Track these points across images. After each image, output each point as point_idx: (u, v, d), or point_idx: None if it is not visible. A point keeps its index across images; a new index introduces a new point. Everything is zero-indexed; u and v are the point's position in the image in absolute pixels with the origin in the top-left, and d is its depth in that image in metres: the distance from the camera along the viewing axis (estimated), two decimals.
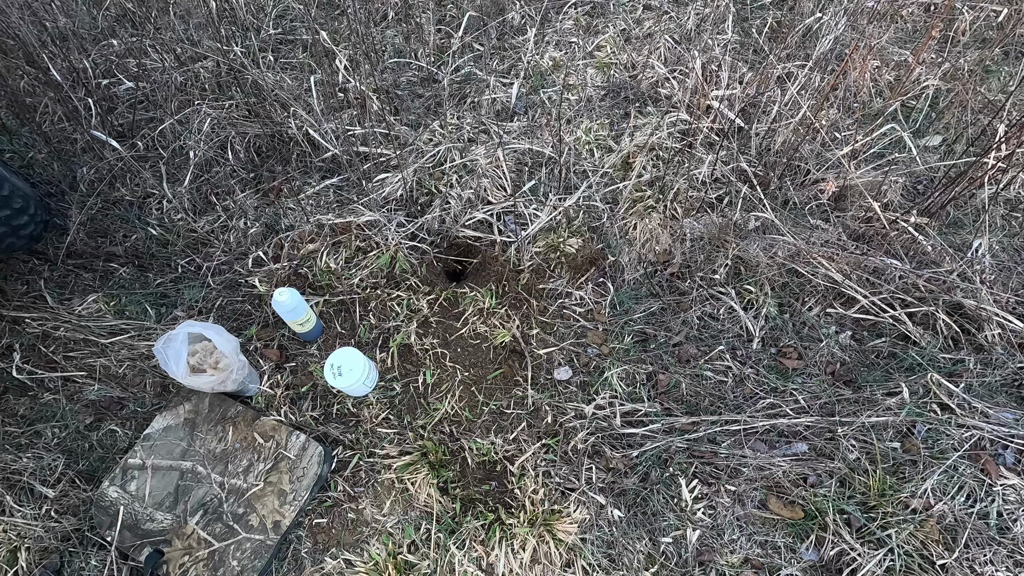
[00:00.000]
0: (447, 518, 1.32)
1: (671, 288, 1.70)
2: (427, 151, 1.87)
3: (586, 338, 1.60)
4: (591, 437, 1.42)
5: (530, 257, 1.69)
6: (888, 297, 1.56)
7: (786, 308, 1.64)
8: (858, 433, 1.38)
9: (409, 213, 1.81)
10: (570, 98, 2.10)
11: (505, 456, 1.39)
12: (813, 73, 1.94)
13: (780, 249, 1.64)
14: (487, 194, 1.81)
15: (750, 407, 1.45)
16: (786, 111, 1.87)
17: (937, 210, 1.72)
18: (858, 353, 1.56)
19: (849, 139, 1.87)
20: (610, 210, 1.78)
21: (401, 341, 1.55)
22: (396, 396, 1.50)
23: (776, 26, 2.34)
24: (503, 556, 1.25)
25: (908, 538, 1.23)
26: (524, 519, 1.28)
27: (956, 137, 1.97)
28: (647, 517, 1.32)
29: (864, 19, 2.21)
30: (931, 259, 1.64)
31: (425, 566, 1.25)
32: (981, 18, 2.31)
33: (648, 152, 1.85)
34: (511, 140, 1.92)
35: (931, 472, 1.30)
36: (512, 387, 1.52)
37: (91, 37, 2.25)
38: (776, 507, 1.31)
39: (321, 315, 1.62)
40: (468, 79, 2.18)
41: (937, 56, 2.20)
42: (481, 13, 2.35)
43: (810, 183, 1.83)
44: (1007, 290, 1.57)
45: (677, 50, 2.16)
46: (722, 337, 1.59)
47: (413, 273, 1.68)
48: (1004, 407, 1.41)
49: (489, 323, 1.58)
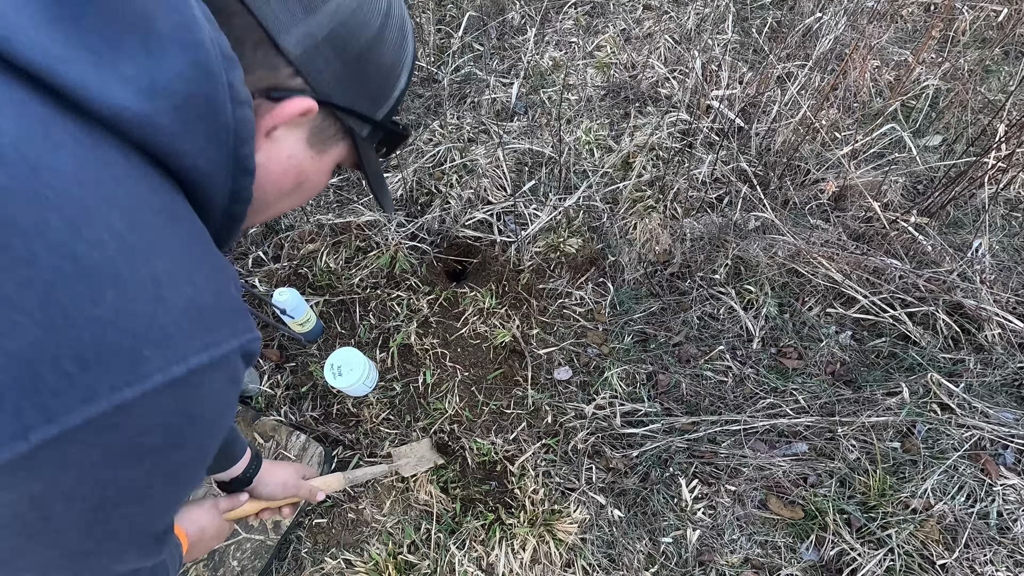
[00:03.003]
0: (447, 518, 1.32)
1: (671, 288, 1.70)
2: (427, 151, 1.87)
3: (586, 338, 1.60)
4: (591, 437, 1.42)
5: (530, 257, 1.69)
6: (888, 297, 1.56)
7: (786, 308, 1.64)
8: (858, 433, 1.38)
9: (409, 213, 1.81)
10: (570, 98, 2.10)
11: (505, 456, 1.39)
12: (813, 73, 1.94)
13: (780, 249, 1.64)
14: (487, 194, 1.81)
15: (750, 407, 1.45)
16: (786, 111, 1.87)
17: (937, 210, 1.72)
18: (858, 353, 1.56)
19: (849, 139, 1.87)
20: (610, 210, 1.78)
21: (401, 341, 1.55)
22: (396, 396, 1.50)
23: (776, 26, 2.34)
24: (503, 556, 1.25)
25: (908, 538, 1.23)
26: (524, 519, 1.28)
27: (956, 137, 1.97)
28: (647, 517, 1.32)
29: (864, 19, 2.21)
30: (931, 259, 1.64)
31: (425, 566, 1.25)
32: (981, 18, 2.31)
33: (648, 152, 1.85)
34: (511, 140, 1.92)
35: (931, 472, 1.30)
36: (512, 387, 1.52)
37: None
38: (776, 507, 1.31)
39: (321, 315, 1.62)
40: (468, 79, 2.18)
41: (937, 56, 2.20)
42: (481, 13, 2.35)
43: (810, 183, 1.83)
44: (1007, 290, 1.57)
45: (677, 50, 2.16)
46: (722, 337, 1.59)
47: (413, 273, 1.68)
48: (1004, 407, 1.41)
49: (489, 323, 1.59)
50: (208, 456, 0.35)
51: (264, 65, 0.38)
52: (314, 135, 0.44)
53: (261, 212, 0.46)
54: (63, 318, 0.24)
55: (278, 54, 0.38)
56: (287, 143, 0.42)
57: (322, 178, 0.48)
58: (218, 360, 0.30)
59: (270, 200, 0.45)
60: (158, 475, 0.30)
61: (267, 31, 0.37)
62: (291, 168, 0.44)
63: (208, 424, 0.32)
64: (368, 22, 0.41)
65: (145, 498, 0.31)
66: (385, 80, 0.45)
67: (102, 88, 0.28)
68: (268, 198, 0.44)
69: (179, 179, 0.33)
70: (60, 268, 0.24)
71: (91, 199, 0.26)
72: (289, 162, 0.43)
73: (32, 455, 0.24)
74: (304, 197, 0.49)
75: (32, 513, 0.26)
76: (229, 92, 0.33)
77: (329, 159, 0.47)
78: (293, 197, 0.47)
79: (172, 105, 0.30)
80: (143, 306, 0.27)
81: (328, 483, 1.09)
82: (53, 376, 0.24)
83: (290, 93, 0.39)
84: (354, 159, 0.49)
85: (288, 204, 0.48)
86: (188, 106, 0.31)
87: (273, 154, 0.42)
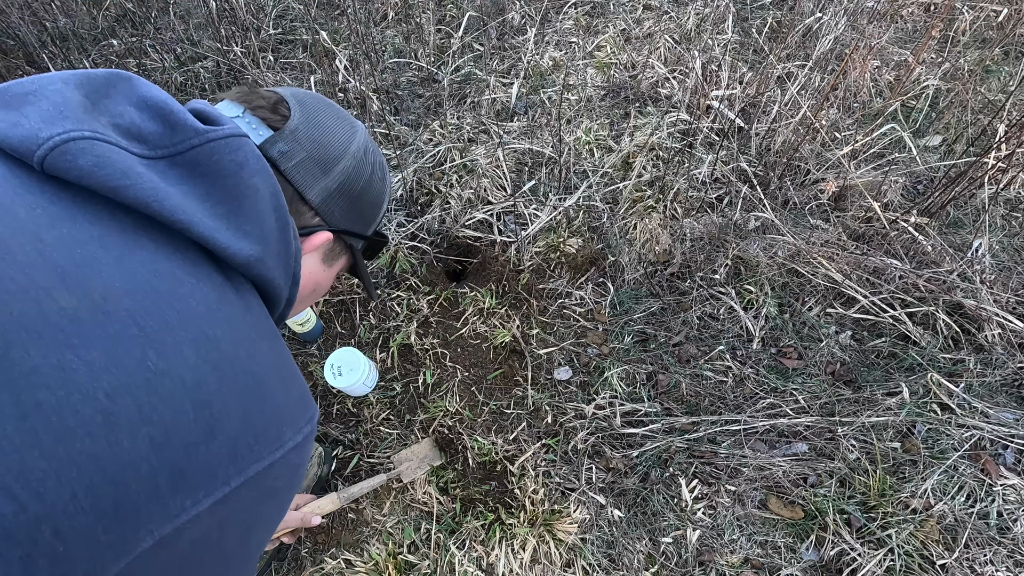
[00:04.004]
0: (447, 518, 1.32)
1: (671, 288, 1.70)
2: (427, 151, 1.87)
3: (586, 338, 1.60)
4: (591, 437, 1.42)
5: (530, 257, 1.69)
6: (888, 297, 1.56)
7: (786, 308, 1.64)
8: (858, 433, 1.38)
9: (409, 213, 1.81)
10: (570, 98, 2.10)
11: (505, 456, 1.39)
12: (813, 73, 1.94)
13: (780, 249, 1.64)
14: (487, 194, 1.81)
15: (750, 407, 1.45)
16: (786, 111, 1.87)
17: (937, 210, 1.72)
18: (858, 353, 1.56)
19: (849, 139, 1.87)
20: (610, 210, 1.78)
21: (401, 341, 1.55)
22: (396, 396, 1.50)
23: (776, 26, 2.34)
24: (503, 556, 1.25)
25: (908, 538, 1.23)
26: (524, 519, 1.28)
27: (956, 137, 1.97)
28: (647, 517, 1.32)
29: (864, 19, 2.21)
30: (931, 259, 1.64)
31: (425, 566, 1.25)
32: (981, 18, 2.31)
33: (648, 152, 1.85)
34: (511, 140, 1.92)
35: (931, 472, 1.30)
36: (512, 387, 1.52)
37: (91, 37, 2.25)
38: (776, 507, 1.31)
39: (321, 315, 1.62)
40: (468, 79, 2.18)
41: (937, 56, 2.20)
42: (481, 13, 2.35)
43: (810, 183, 1.83)
44: (1007, 290, 1.57)
45: (677, 50, 2.16)
46: (722, 337, 1.59)
47: (413, 273, 1.68)
48: (1004, 407, 1.41)
49: (489, 323, 1.58)
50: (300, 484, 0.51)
51: (295, 212, 0.56)
52: (326, 255, 0.63)
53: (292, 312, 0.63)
54: (250, 413, 0.38)
55: (304, 203, 0.56)
56: (309, 264, 0.61)
57: (330, 283, 0.68)
58: (311, 431, 0.44)
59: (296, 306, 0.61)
60: (276, 508, 0.44)
61: (297, 190, 0.55)
62: (311, 280, 0.62)
63: (304, 470, 0.45)
64: (363, 172, 0.61)
65: (270, 524, 0.44)
66: (375, 207, 0.65)
67: (239, 244, 0.42)
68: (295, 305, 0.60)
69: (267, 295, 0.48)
70: (247, 385, 0.38)
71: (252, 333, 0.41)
72: (310, 276, 0.62)
73: (230, 494, 0.36)
74: (316, 297, 0.68)
75: (217, 531, 0.37)
76: (293, 232, 0.49)
77: (335, 269, 0.67)
78: (309, 299, 0.66)
79: (273, 250, 0.46)
80: (281, 400, 0.41)
81: (322, 507, 1.11)
82: (243, 448, 0.37)
83: (313, 229, 0.58)
84: (350, 262, 0.69)
85: (306, 304, 0.67)
86: (278, 248, 0.47)
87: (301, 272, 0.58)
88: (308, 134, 0.56)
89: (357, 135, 0.61)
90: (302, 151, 0.55)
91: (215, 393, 0.35)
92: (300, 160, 0.55)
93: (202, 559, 0.37)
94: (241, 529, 0.39)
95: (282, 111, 0.56)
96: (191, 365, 0.34)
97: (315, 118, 0.57)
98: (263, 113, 0.55)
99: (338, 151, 0.58)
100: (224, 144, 0.43)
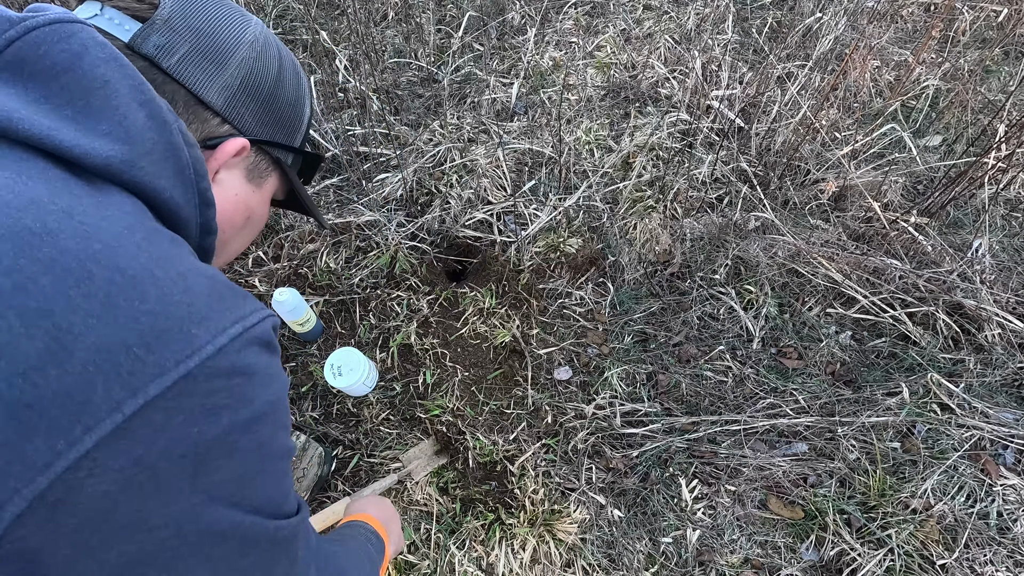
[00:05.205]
0: (447, 518, 1.32)
1: (671, 288, 1.70)
2: (427, 151, 1.87)
3: (586, 338, 1.60)
4: (591, 437, 1.42)
5: (530, 257, 1.69)
6: (888, 297, 1.56)
7: (786, 308, 1.64)
8: (858, 433, 1.38)
9: (409, 213, 1.81)
10: (570, 98, 2.10)
11: (505, 456, 1.39)
12: (813, 73, 1.94)
13: (780, 249, 1.64)
14: (487, 194, 1.81)
15: (750, 407, 1.45)
16: (786, 111, 1.87)
17: (937, 210, 1.72)
18: (858, 353, 1.56)
19: (849, 139, 1.87)
20: (610, 210, 1.78)
21: (401, 341, 1.55)
22: (396, 396, 1.50)
23: (776, 26, 2.34)
24: (503, 556, 1.25)
25: (908, 538, 1.23)
26: (524, 519, 1.28)
27: (956, 137, 1.97)
28: (647, 517, 1.32)
29: (864, 19, 2.21)
30: (931, 259, 1.64)
31: (425, 566, 1.25)
32: (981, 18, 2.31)
33: (648, 152, 1.85)
34: (511, 140, 1.92)
35: (931, 472, 1.30)
36: (512, 387, 1.52)
37: None
38: (776, 507, 1.31)
39: (321, 315, 1.62)
40: (468, 79, 2.18)
41: (937, 56, 2.20)
42: (481, 13, 2.35)
43: (810, 183, 1.83)
44: (1007, 290, 1.57)
45: (677, 50, 2.16)
46: (722, 337, 1.59)
47: (413, 273, 1.68)
48: (1004, 407, 1.41)
49: (489, 323, 1.58)
50: (280, 416, 0.39)
51: (196, 120, 0.47)
52: (250, 171, 0.53)
53: (222, 250, 0.54)
54: (124, 316, 0.31)
55: (205, 108, 0.48)
56: (231, 183, 0.51)
57: (264, 209, 0.57)
58: (250, 328, 0.37)
59: (227, 237, 0.53)
60: (238, 430, 0.35)
61: (191, 91, 0.47)
62: (240, 203, 0.53)
63: (264, 381, 0.37)
64: (269, 67, 0.52)
65: (234, 451, 0.35)
66: (294, 111, 0.56)
67: (92, 143, 0.35)
68: (226, 236, 0.52)
69: (160, 213, 0.40)
70: (111, 279, 0.31)
71: (117, 227, 0.34)
72: (236, 199, 0.52)
73: (127, 424, 0.29)
74: (253, 231, 0.58)
75: (141, 474, 0.30)
76: (182, 137, 0.41)
77: (267, 190, 0.56)
78: (245, 233, 0.56)
79: (145, 150, 0.38)
80: (179, 296, 0.33)
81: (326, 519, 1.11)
82: (128, 360, 0.30)
83: (223, 138, 0.49)
84: (285, 186, 0.59)
85: (242, 241, 0.57)
86: (155, 150, 0.39)
87: (222, 195, 0.50)
88: (187, 22, 0.47)
89: (251, 23, 0.52)
90: (183, 42, 0.46)
91: (53, 297, 0.29)
92: (184, 53, 0.46)
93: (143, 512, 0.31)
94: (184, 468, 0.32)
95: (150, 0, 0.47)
96: (5, 267, 0.28)
97: (192, 3, 0.48)
98: (126, 3, 0.45)
99: (230, 40, 0.49)
100: (49, 32, 0.36)
